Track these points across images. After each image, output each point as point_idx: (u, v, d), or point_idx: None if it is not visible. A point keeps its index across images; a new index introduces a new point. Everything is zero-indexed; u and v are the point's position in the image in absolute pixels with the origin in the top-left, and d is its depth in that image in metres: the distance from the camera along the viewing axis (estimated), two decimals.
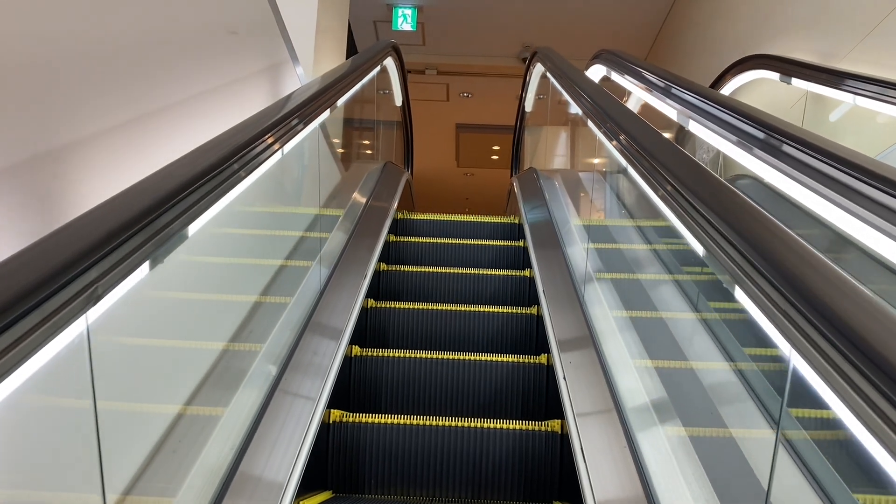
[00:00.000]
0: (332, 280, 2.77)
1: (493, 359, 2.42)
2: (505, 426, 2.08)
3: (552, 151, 5.28)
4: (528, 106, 5.73)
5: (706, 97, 2.86)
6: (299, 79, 3.69)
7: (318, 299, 2.62)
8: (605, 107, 2.56)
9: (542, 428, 2.08)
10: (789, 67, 4.15)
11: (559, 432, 2.06)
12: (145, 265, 1.29)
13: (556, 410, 2.18)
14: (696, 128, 2.85)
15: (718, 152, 5.40)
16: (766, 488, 1.31)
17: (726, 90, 5.38)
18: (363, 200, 4.01)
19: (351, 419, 2.11)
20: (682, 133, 5.16)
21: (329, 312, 2.49)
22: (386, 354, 2.48)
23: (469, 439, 2.07)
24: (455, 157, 11.80)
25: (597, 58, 5.00)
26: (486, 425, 2.09)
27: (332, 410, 2.12)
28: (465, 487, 2.09)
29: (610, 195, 3.62)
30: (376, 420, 2.10)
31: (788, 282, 1.03)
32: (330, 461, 2.10)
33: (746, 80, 5.18)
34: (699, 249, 1.59)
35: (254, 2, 3.05)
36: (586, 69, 5.17)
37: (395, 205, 4.14)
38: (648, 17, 8.01)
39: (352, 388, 2.43)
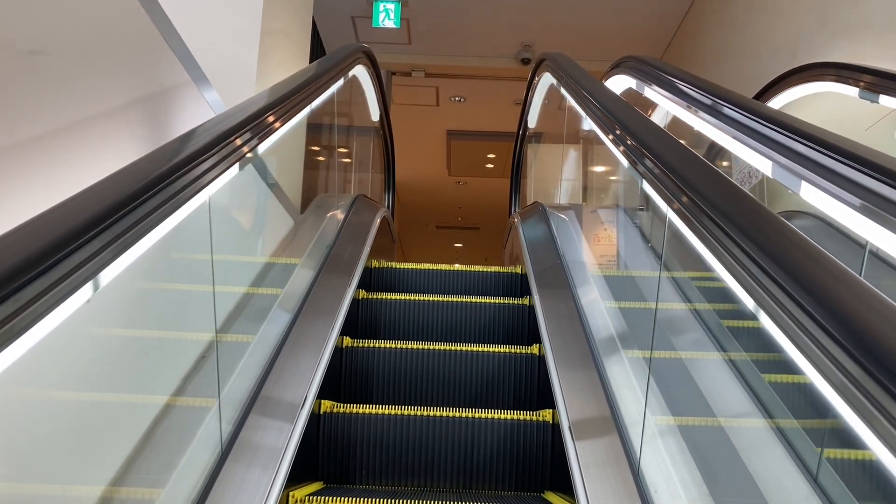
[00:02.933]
0: (246, 429, 1.77)
1: None
2: None
3: (566, 181, 4.25)
4: (532, 122, 4.71)
5: (816, 141, 1.88)
6: (211, 107, 2.66)
7: (217, 471, 1.62)
8: (679, 170, 1.56)
9: None
10: (882, 82, 3.14)
11: None
12: None
13: None
14: (810, 192, 1.85)
15: (763, 179, 4.50)
16: None
17: (774, 104, 4.38)
18: (316, 263, 2.99)
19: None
20: (712, 149, 4.24)
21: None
22: None
23: None
24: (446, 165, 10.79)
25: (619, 66, 4.00)
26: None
27: None
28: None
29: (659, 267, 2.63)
30: None
31: None
32: None
33: (803, 94, 4.18)
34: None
35: (110, 7, 1.99)
36: (605, 79, 4.17)
37: (358, 273, 3.11)
38: (666, 12, 7.01)
39: None
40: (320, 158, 4.11)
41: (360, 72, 4.01)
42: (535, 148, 4.81)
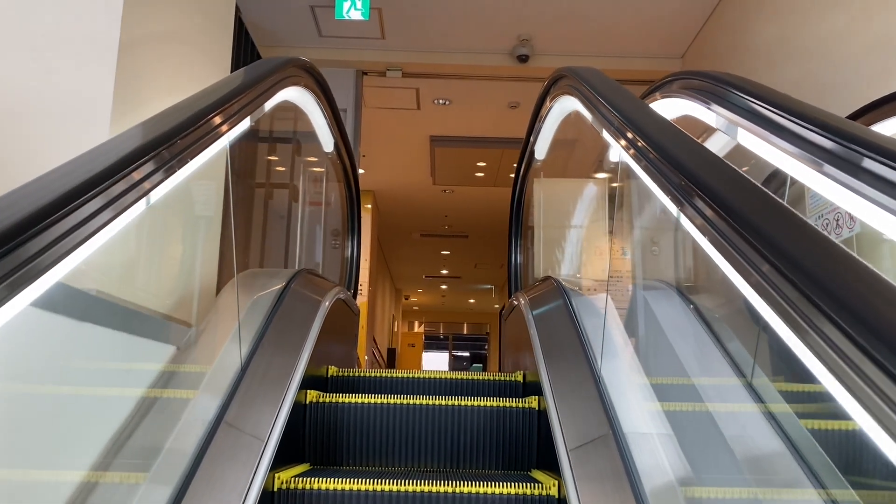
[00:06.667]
0: None
1: None
2: None
3: (598, 247, 2.95)
4: (540, 154, 3.45)
5: None
6: None
7: None
8: None
9: None
10: None
11: None
12: None
13: None
14: None
15: (853, 236, 3.36)
16: None
17: (881, 129, 3.16)
18: (199, 435, 1.76)
19: None
20: (775, 177, 3.07)
21: None
22: None
23: None
24: (430, 173, 9.52)
25: (670, 84, 2.76)
26: None
27: None
28: None
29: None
30: None
31: None
32: None
33: None
34: None
35: None
36: (649, 99, 2.94)
37: (275, 438, 1.86)
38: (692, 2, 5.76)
39: None
40: (246, 221, 2.85)
41: (296, 95, 2.75)
42: (546, 189, 3.54)
